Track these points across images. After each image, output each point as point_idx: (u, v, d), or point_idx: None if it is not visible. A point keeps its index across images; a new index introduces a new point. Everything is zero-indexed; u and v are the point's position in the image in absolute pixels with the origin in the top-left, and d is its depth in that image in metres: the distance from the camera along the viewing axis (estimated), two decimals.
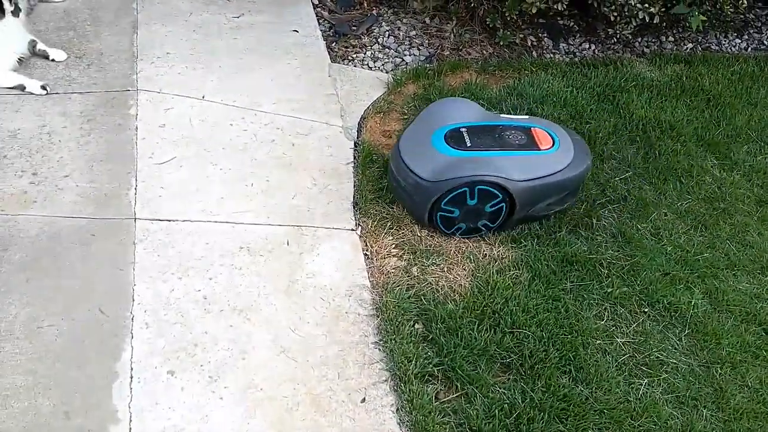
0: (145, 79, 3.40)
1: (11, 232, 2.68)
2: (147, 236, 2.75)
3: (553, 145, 2.89)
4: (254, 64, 3.65)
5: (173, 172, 3.01)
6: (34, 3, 3.67)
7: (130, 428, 2.19)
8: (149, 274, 2.62)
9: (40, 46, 3.37)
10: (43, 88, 3.22)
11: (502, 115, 3.13)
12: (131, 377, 2.31)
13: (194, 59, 3.59)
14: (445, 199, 2.77)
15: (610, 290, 2.85)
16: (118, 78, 3.38)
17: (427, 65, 3.87)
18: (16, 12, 3.28)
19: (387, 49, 3.99)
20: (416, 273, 2.80)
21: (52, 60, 3.39)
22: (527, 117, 3.14)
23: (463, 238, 2.92)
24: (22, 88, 3.22)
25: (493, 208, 2.82)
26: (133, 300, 2.53)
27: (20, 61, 3.31)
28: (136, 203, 2.85)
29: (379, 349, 2.53)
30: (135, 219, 2.79)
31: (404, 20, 4.19)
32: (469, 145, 2.84)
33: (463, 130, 2.90)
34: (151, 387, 2.30)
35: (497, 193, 2.77)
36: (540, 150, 2.86)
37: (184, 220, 2.83)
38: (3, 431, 2.13)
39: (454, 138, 2.86)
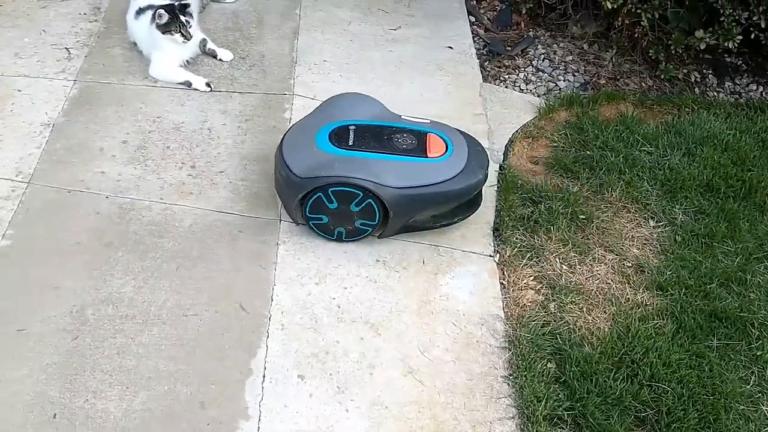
0: (301, 85, 3.50)
1: (167, 220, 2.82)
2: (290, 238, 2.81)
3: (443, 153, 2.72)
4: (406, 77, 3.68)
5: None
6: (206, 3, 3.86)
7: (259, 427, 2.25)
8: (289, 276, 2.68)
9: (210, 45, 3.54)
10: (208, 85, 3.37)
11: (403, 117, 2.93)
12: (264, 376, 2.37)
13: (349, 68, 3.66)
14: (334, 189, 2.62)
15: (759, 353, 2.64)
16: (277, 82, 3.50)
17: (582, 93, 3.75)
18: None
19: (541, 73, 3.91)
20: (553, 310, 2.71)
21: (219, 59, 3.55)
22: (428, 121, 2.92)
23: (350, 240, 2.79)
24: (188, 84, 3.39)
25: (360, 207, 2.66)
26: (272, 300, 2.60)
27: (188, 60, 3.48)
28: (282, 205, 2.92)
29: (508, 384, 2.47)
30: (280, 220, 2.87)
31: (561, 44, 4.09)
32: (350, 144, 2.70)
33: (352, 128, 2.75)
34: (282, 389, 2.35)
35: (357, 192, 2.61)
36: (426, 157, 2.69)
37: None
38: (144, 411, 2.23)
39: (338, 135, 2.72)
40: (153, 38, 3.36)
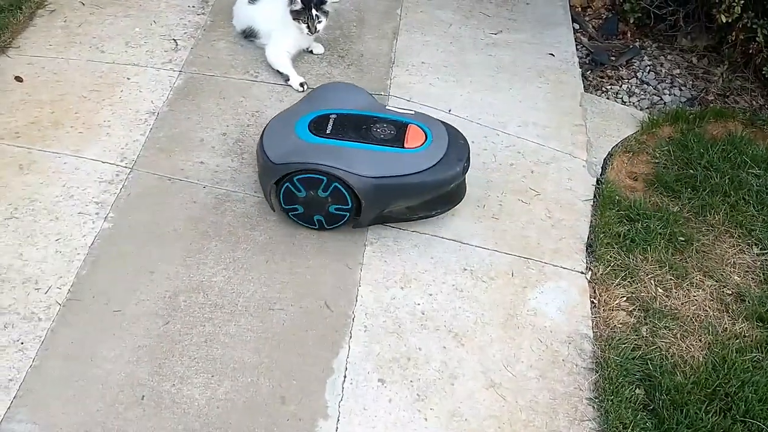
0: (398, 86, 3.49)
1: (260, 213, 2.86)
2: (377, 240, 2.81)
3: (421, 144, 2.66)
4: (505, 83, 3.61)
5: None
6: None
7: (337, 427, 2.25)
8: (374, 278, 2.68)
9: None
10: (301, 86, 3.40)
11: (387, 107, 2.90)
12: (345, 377, 2.37)
13: (447, 71, 3.63)
14: (299, 177, 2.60)
15: None
16: (373, 81, 3.50)
17: (688, 108, 3.59)
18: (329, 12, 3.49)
19: (645, 85, 3.76)
20: (645, 333, 2.61)
21: (309, 51, 3.59)
22: (413, 112, 2.86)
23: (330, 228, 2.75)
24: (286, 79, 3.43)
25: (328, 191, 2.62)
26: (356, 301, 2.60)
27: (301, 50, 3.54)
28: None
29: (593, 407, 2.38)
30: None
31: (669, 57, 3.93)
32: (328, 132, 2.68)
33: (333, 116, 2.74)
34: (362, 391, 2.35)
35: (320, 177, 2.58)
36: (402, 148, 2.64)
37: (413, 231, 2.86)
38: (227, 401, 2.28)
39: (318, 123, 2.71)
40: (282, 19, 3.41)
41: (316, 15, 3.36)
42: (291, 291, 2.60)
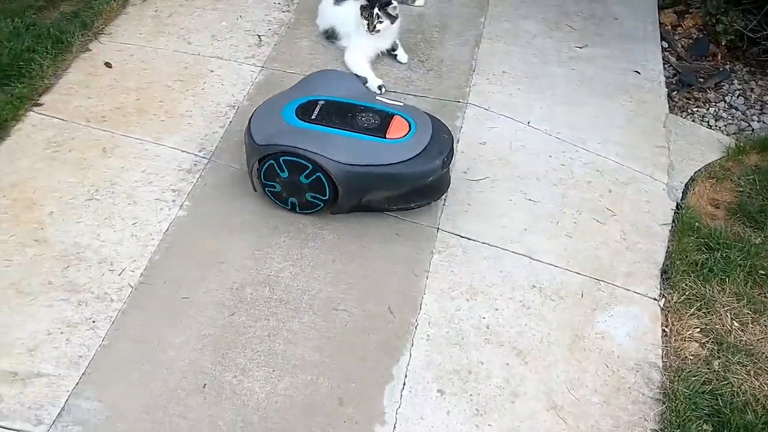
0: (477, 94, 3.45)
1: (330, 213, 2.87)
2: (445, 249, 2.78)
3: (403, 136, 2.67)
4: (586, 98, 3.53)
5: (483, 192, 3.02)
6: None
7: None
8: (440, 287, 2.65)
9: (396, 41, 3.57)
10: (380, 88, 3.40)
11: (378, 98, 2.92)
12: (404, 384, 2.36)
13: (527, 83, 3.57)
14: (285, 158, 2.64)
15: None
16: (452, 88, 3.47)
17: None
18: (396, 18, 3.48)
19: (733, 110, 3.62)
20: (717, 368, 2.50)
21: (395, 56, 3.58)
22: (401, 104, 2.87)
23: (301, 213, 2.78)
24: (365, 81, 3.44)
25: (310, 179, 2.66)
26: (420, 309, 2.58)
27: (378, 54, 3.55)
28: (441, 214, 2.90)
29: None
30: (438, 229, 2.85)
31: (760, 82, 3.77)
32: (313, 117, 2.70)
33: (321, 102, 2.77)
34: (421, 400, 2.32)
35: (306, 164, 2.61)
36: (384, 138, 2.66)
37: (483, 242, 2.82)
38: (286, 397, 2.29)
39: (305, 108, 2.74)
40: (354, 25, 3.45)
41: (377, 14, 3.36)
42: (356, 293, 2.59)
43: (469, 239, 2.83)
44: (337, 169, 2.61)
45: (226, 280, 2.59)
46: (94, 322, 2.42)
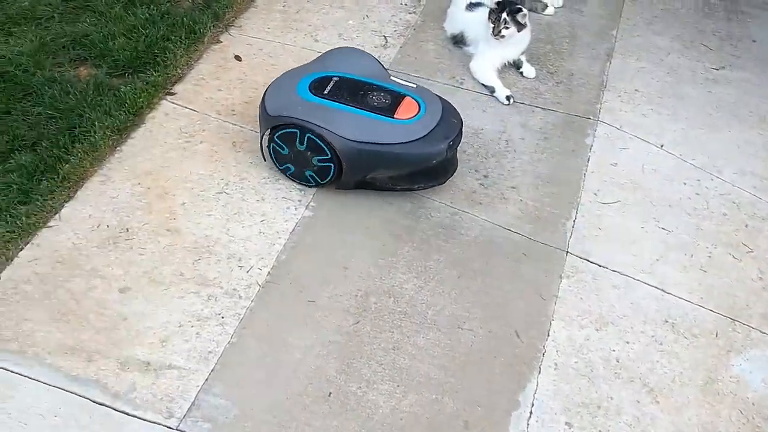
0: (607, 112, 3.34)
1: (454, 225, 2.82)
2: (574, 274, 2.70)
3: (411, 117, 2.70)
4: (723, 123, 3.37)
5: (613, 216, 2.91)
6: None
7: None
8: (568, 314, 2.57)
9: (522, 57, 3.48)
10: (508, 99, 3.32)
11: (392, 78, 2.91)
12: (531, 413, 2.29)
13: (660, 103, 3.43)
14: (278, 133, 2.71)
15: None
16: (582, 104, 3.37)
17: None
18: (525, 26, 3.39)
19: None
20: None
21: (521, 73, 3.48)
22: (415, 86, 2.87)
23: (294, 180, 2.84)
24: (491, 90, 3.37)
25: (319, 160, 2.72)
26: (548, 335, 2.50)
27: (505, 64, 3.47)
28: (570, 236, 2.81)
29: None
30: (566, 252, 2.76)
31: None
32: (325, 93, 2.74)
33: (336, 79, 2.80)
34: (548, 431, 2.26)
35: (293, 131, 2.68)
36: (391, 118, 2.68)
37: (613, 270, 2.72)
38: (410, 414, 2.26)
39: (319, 83, 2.78)
40: (484, 32, 3.37)
41: (504, 19, 3.28)
42: (481, 312, 2.54)
43: (599, 265, 2.73)
44: (342, 144, 2.65)
45: (350, 287, 2.58)
46: (223, 317, 2.45)
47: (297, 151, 2.74)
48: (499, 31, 3.29)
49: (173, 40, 3.39)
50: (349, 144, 2.65)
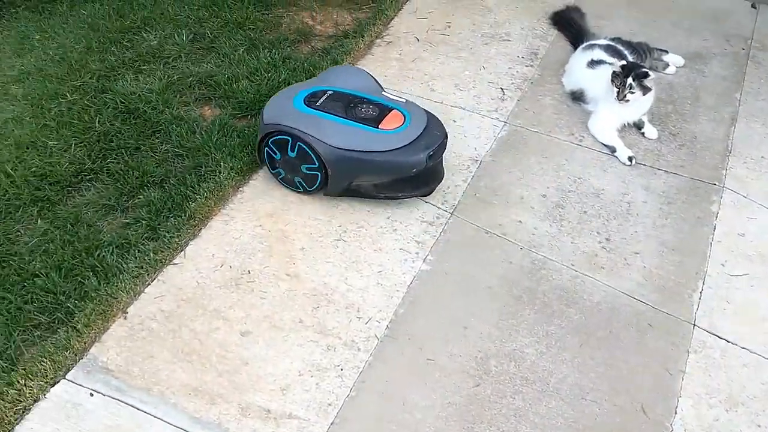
0: (733, 179, 3.22)
1: (576, 289, 2.75)
2: (702, 349, 2.58)
3: (395, 128, 2.84)
4: None
5: (742, 289, 2.79)
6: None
7: None
8: (696, 391, 2.46)
9: (644, 117, 3.40)
10: (630, 159, 3.24)
11: (384, 93, 3.06)
12: None
13: None
14: (272, 139, 2.88)
15: None
16: (706, 168, 3.26)
17: None
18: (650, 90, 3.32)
19: None
20: None
21: (642, 133, 3.40)
22: (404, 101, 3.02)
23: (310, 191, 2.97)
24: (612, 150, 3.30)
25: (307, 168, 2.88)
26: (675, 413, 2.39)
27: (624, 125, 3.40)
28: (697, 309, 2.70)
29: None
30: (693, 325, 2.65)
31: None
32: (317, 104, 2.90)
33: (330, 92, 2.97)
34: None
35: (286, 138, 2.85)
36: (376, 128, 2.83)
37: (742, 347, 2.60)
38: None
39: (313, 96, 2.95)
40: (605, 91, 3.32)
41: (629, 84, 3.20)
42: (606, 384, 2.45)
43: (728, 342, 2.61)
44: (327, 150, 2.80)
45: (470, 347, 2.53)
46: (342, 369, 2.43)
47: (287, 157, 2.90)
48: (624, 96, 3.23)
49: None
50: (333, 150, 2.80)
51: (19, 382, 2.29)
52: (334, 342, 2.51)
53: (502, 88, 3.63)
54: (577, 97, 3.52)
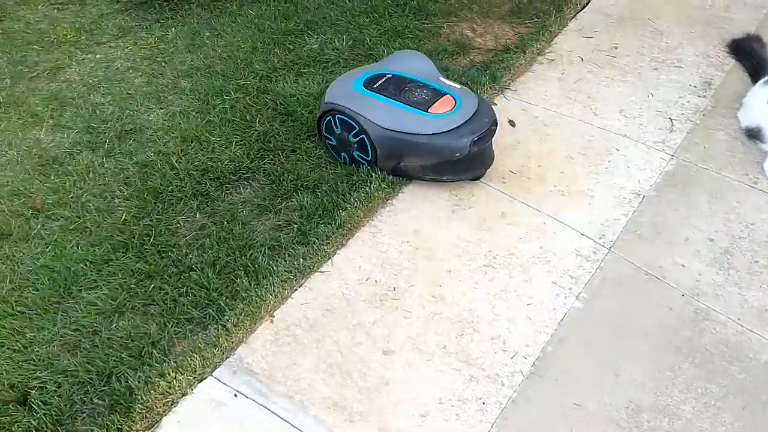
0: None
1: (741, 345, 2.53)
2: None
3: (443, 113, 2.90)
4: None
5: None
6: None
7: None
8: None
9: None
10: None
11: (441, 78, 3.10)
12: None
13: None
14: (329, 117, 3.00)
15: None
16: None
17: None
18: None
19: None
20: None
21: None
22: (460, 87, 3.07)
23: (351, 166, 3.07)
24: None
25: (356, 139, 2.96)
26: None
27: None
28: None
29: None
30: None
31: None
32: (374, 87, 3.00)
33: (389, 76, 3.05)
34: None
35: (353, 125, 2.93)
36: (426, 111, 2.90)
37: None
38: None
39: (373, 79, 3.04)
40: None
41: None
42: None
43: None
44: (374, 130, 2.91)
45: (621, 396, 2.38)
46: (483, 403, 2.35)
47: (342, 135, 3.00)
48: None
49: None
50: (380, 131, 2.91)
51: (170, 374, 2.36)
52: (478, 373, 2.43)
53: (671, 119, 3.41)
54: (754, 134, 3.25)
